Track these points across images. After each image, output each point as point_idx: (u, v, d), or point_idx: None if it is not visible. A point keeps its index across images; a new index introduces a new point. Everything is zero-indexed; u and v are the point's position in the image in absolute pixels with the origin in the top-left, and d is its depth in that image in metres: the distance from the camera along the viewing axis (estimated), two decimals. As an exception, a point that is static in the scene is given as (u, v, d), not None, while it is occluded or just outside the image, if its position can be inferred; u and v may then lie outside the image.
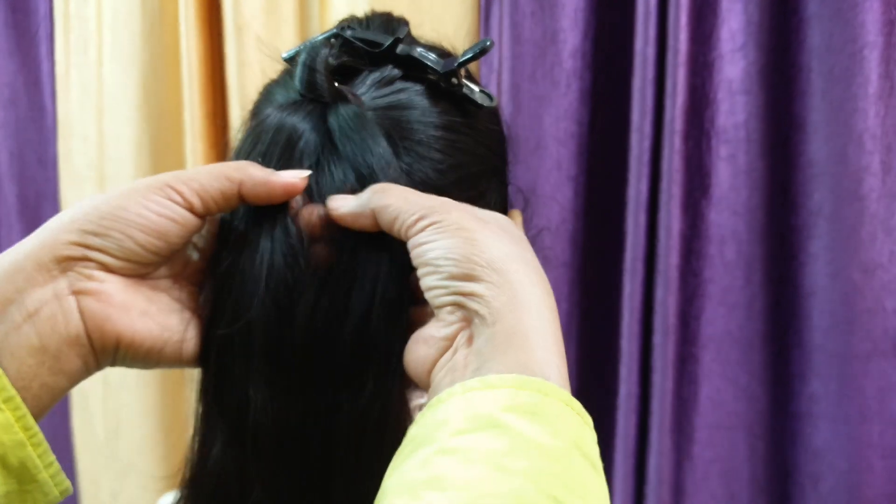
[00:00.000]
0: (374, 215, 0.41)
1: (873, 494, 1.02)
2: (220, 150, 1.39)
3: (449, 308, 0.39)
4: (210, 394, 0.45)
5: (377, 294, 0.42)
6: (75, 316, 0.39)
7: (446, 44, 0.53)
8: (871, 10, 0.98)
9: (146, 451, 1.49)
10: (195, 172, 0.42)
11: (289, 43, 1.31)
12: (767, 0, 1.06)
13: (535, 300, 0.38)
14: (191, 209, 0.41)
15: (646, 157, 1.10)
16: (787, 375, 1.10)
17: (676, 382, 1.13)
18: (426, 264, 0.39)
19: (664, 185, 1.09)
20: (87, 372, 0.41)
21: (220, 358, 0.44)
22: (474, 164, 0.48)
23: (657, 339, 1.11)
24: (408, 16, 0.52)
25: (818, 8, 1.02)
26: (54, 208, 1.55)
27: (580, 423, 0.36)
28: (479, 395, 0.34)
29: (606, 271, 1.18)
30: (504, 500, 0.30)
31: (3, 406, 0.36)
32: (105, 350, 0.41)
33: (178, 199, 0.41)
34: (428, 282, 0.39)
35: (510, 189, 0.55)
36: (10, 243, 1.55)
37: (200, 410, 0.46)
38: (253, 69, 1.31)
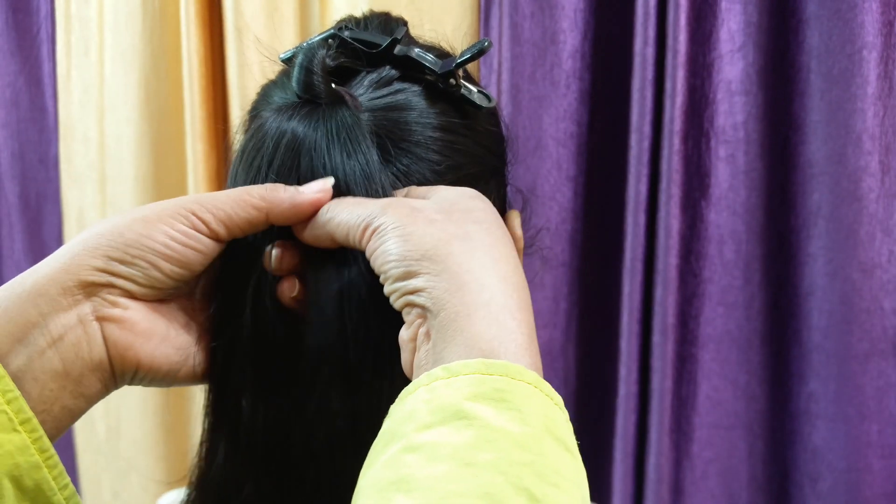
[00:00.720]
0: (330, 234, 0.41)
1: (872, 493, 1.02)
2: (220, 150, 1.39)
3: (406, 309, 0.39)
4: (211, 402, 0.46)
5: (354, 300, 0.42)
6: (99, 342, 0.40)
7: (445, 44, 0.53)
8: (870, 11, 0.98)
9: (147, 451, 1.49)
10: (220, 201, 0.42)
11: (289, 44, 1.31)
12: (767, 1, 1.06)
13: (478, 275, 0.37)
14: (216, 238, 0.42)
15: (645, 157, 1.10)
16: (786, 375, 1.10)
17: (675, 382, 1.13)
18: (379, 273, 0.39)
19: (663, 185, 1.09)
20: (105, 393, 0.41)
21: (218, 368, 0.44)
22: (472, 165, 0.48)
23: (656, 338, 1.12)
24: (407, 16, 0.52)
25: (817, 9, 1.02)
26: (55, 209, 1.55)
27: (550, 405, 0.35)
28: (443, 385, 0.34)
29: (606, 271, 1.18)
30: (472, 498, 0.30)
31: (20, 428, 0.36)
32: (124, 375, 0.41)
33: (203, 228, 0.41)
34: (385, 290, 0.39)
35: (509, 189, 0.55)
36: (11, 243, 1.55)
37: (206, 418, 0.47)
38: (253, 70, 1.31)
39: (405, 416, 0.34)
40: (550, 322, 1.20)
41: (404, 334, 0.39)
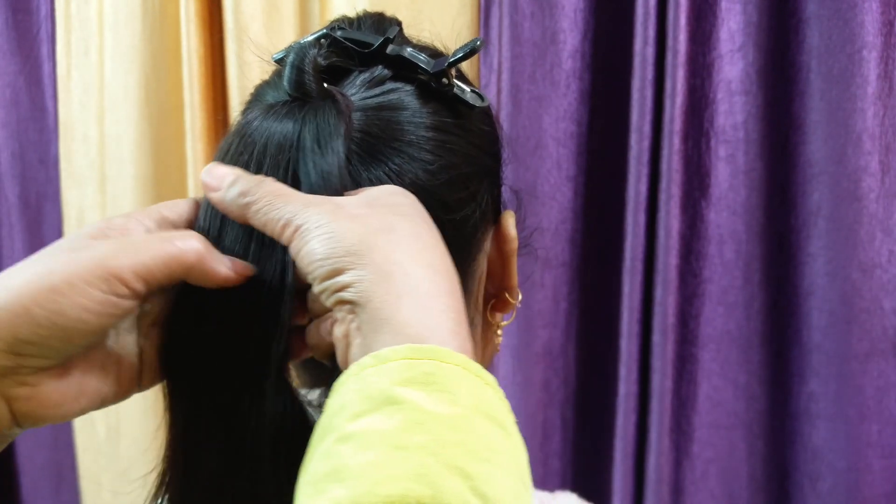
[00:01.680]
0: (243, 211, 0.40)
1: (872, 493, 1.02)
2: (220, 150, 1.39)
3: (337, 307, 0.38)
4: (190, 403, 0.45)
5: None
6: (7, 418, 0.39)
7: (444, 45, 0.53)
8: (870, 11, 0.98)
9: (147, 451, 1.49)
10: (142, 251, 0.39)
11: (288, 43, 1.31)
12: (767, 1, 1.06)
13: (403, 265, 0.37)
14: (135, 296, 0.39)
15: (645, 157, 1.10)
16: (786, 375, 1.10)
17: (675, 382, 1.13)
18: (305, 273, 0.39)
19: (663, 185, 1.09)
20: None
21: (194, 366, 0.43)
22: (466, 165, 0.48)
23: (656, 338, 1.11)
24: (406, 16, 0.51)
25: (817, 8, 1.02)
26: (55, 209, 1.55)
27: (480, 385, 0.35)
28: (372, 372, 0.34)
29: (606, 271, 1.18)
30: (405, 480, 0.30)
31: None
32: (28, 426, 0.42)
33: (124, 291, 0.39)
34: (314, 290, 0.39)
35: (504, 189, 0.55)
36: (11, 243, 1.55)
37: (179, 421, 0.46)
38: (253, 69, 1.31)
39: (338, 408, 0.34)
40: (550, 322, 1.19)
41: (337, 331, 0.39)
